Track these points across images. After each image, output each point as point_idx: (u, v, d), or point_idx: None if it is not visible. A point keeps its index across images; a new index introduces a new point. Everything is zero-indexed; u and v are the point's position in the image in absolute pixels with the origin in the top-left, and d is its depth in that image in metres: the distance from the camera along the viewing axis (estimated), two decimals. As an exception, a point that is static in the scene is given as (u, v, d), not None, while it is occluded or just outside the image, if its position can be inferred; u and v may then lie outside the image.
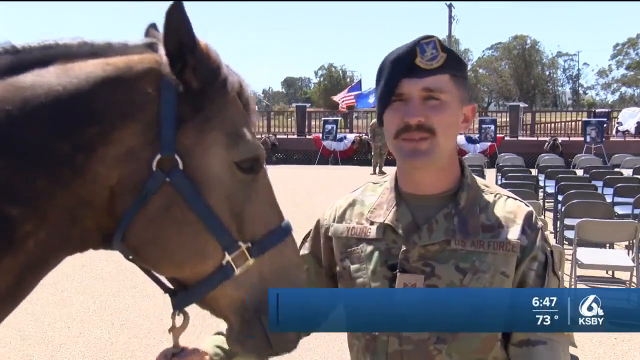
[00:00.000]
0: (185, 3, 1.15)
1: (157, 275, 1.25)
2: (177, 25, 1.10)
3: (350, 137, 20.83)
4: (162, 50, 1.15)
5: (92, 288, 5.89)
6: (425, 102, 1.22)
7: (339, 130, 21.81)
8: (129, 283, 5.83)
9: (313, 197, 11.32)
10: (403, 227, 1.28)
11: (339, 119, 23.83)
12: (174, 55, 1.12)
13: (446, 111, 1.23)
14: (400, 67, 1.23)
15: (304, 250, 1.46)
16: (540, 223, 1.28)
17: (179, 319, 1.26)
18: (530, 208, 1.30)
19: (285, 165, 19.26)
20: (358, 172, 15.91)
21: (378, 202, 1.35)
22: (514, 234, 1.24)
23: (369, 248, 1.30)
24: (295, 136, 22.91)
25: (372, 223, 1.33)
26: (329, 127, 20.82)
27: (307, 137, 22.23)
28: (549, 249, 1.27)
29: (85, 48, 1.13)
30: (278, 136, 22.52)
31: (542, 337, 1.20)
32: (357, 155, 20.46)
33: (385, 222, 1.30)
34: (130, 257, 1.20)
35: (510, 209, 1.28)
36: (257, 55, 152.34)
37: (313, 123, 24.54)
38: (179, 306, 1.24)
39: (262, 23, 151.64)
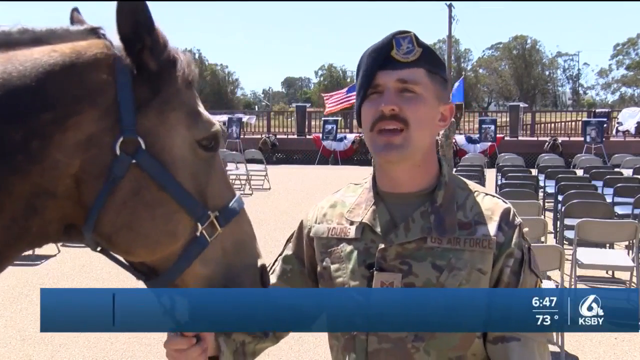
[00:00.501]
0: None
1: (127, 263, 1.25)
2: (133, 7, 1.09)
3: (350, 137, 20.82)
4: (109, 34, 1.14)
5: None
6: (400, 94, 1.24)
7: (339, 130, 21.81)
8: (129, 283, 5.82)
9: (313, 197, 11.31)
10: (380, 226, 1.28)
11: (339, 119, 23.82)
12: (130, 37, 1.11)
13: (421, 104, 1.24)
14: (377, 59, 1.25)
15: (288, 251, 1.47)
16: (518, 220, 1.28)
17: None
18: (508, 205, 1.30)
19: (285, 165, 19.27)
20: (358, 172, 15.90)
21: (357, 202, 1.36)
22: (490, 231, 1.24)
23: (349, 248, 1.31)
24: (295, 136, 22.91)
25: (351, 223, 1.33)
26: (329, 127, 20.82)
27: (307, 137, 22.23)
28: (526, 245, 1.26)
29: (27, 35, 1.11)
30: (278, 136, 22.53)
31: (516, 333, 1.20)
32: (357, 155, 20.45)
33: (363, 221, 1.31)
34: (99, 248, 1.19)
35: (487, 206, 1.28)
36: (257, 55, 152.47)
37: (313, 123, 24.54)
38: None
39: (262, 23, 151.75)
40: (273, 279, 1.44)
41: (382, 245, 1.26)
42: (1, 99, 1.04)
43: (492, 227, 1.25)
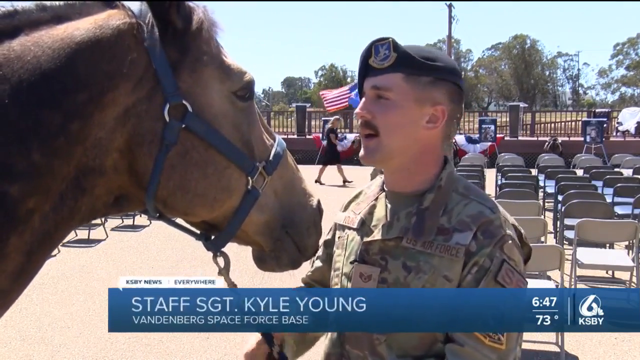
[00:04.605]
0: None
1: (187, 225, 1.28)
2: None
3: (350, 137, 20.80)
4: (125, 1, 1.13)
5: (92, 288, 5.89)
6: (377, 101, 1.28)
7: (339, 130, 21.78)
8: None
9: (313, 197, 11.28)
10: (373, 221, 1.34)
11: (339, 119, 23.80)
12: None
13: (392, 110, 1.26)
14: (361, 67, 1.31)
15: (329, 237, 1.51)
16: (502, 232, 1.21)
17: (221, 260, 1.32)
18: (495, 216, 1.24)
19: (285, 165, 19.22)
20: (358, 172, 15.91)
21: (367, 195, 1.42)
22: (464, 239, 1.21)
23: (350, 236, 1.37)
24: (295, 136, 22.91)
25: (358, 214, 1.39)
26: (329, 127, 20.78)
27: (307, 137, 22.23)
28: (500, 257, 1.19)
29: (47, 13, 1.10)
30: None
31: (459, 338, 1.16)
32: (357, 155, 20.36)
33: (360, 215, 1.37)
34: (157, 214, 1.21)
35: (470, 213, 1.24)
36: (257, 55, 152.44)
37: (313, 123, 24.55)
38: (219, 247, 1.30)
39: (262, 23, 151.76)
40: (318, 262, 1.51)
41: (366, 239, 1.30)
42: (35, 83, 1.03)
43: (467, 236, 1.21)
